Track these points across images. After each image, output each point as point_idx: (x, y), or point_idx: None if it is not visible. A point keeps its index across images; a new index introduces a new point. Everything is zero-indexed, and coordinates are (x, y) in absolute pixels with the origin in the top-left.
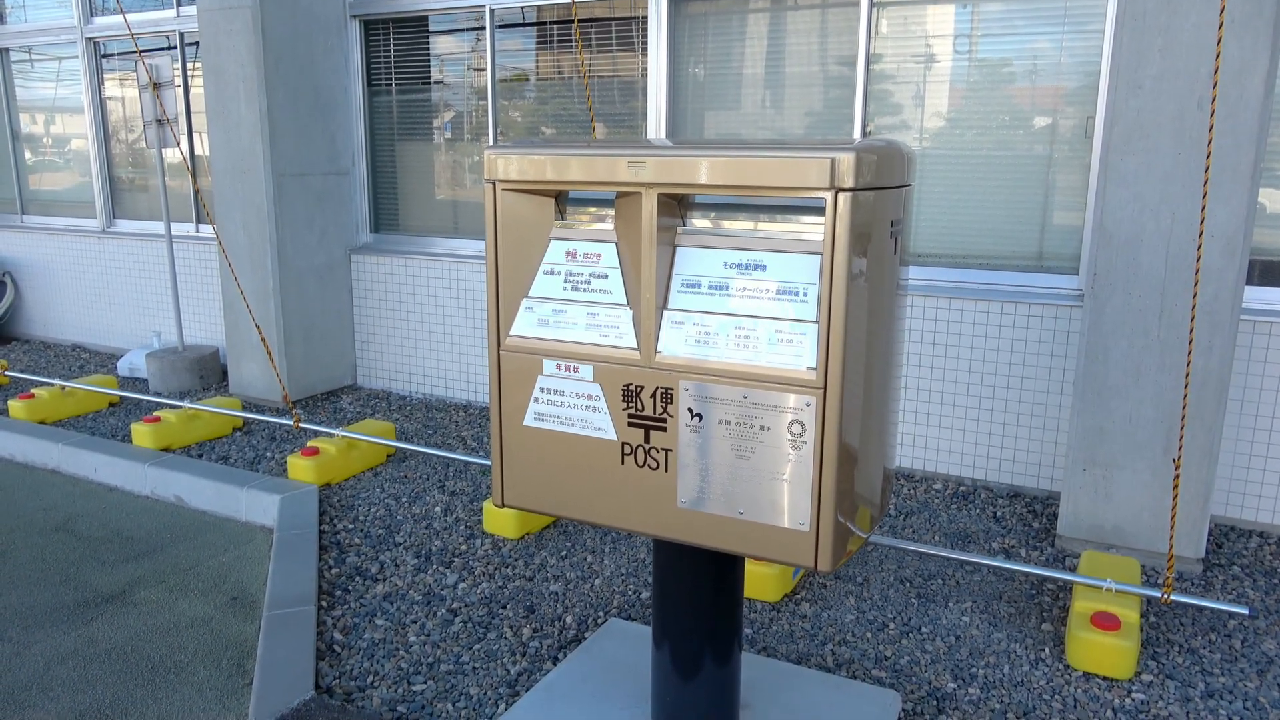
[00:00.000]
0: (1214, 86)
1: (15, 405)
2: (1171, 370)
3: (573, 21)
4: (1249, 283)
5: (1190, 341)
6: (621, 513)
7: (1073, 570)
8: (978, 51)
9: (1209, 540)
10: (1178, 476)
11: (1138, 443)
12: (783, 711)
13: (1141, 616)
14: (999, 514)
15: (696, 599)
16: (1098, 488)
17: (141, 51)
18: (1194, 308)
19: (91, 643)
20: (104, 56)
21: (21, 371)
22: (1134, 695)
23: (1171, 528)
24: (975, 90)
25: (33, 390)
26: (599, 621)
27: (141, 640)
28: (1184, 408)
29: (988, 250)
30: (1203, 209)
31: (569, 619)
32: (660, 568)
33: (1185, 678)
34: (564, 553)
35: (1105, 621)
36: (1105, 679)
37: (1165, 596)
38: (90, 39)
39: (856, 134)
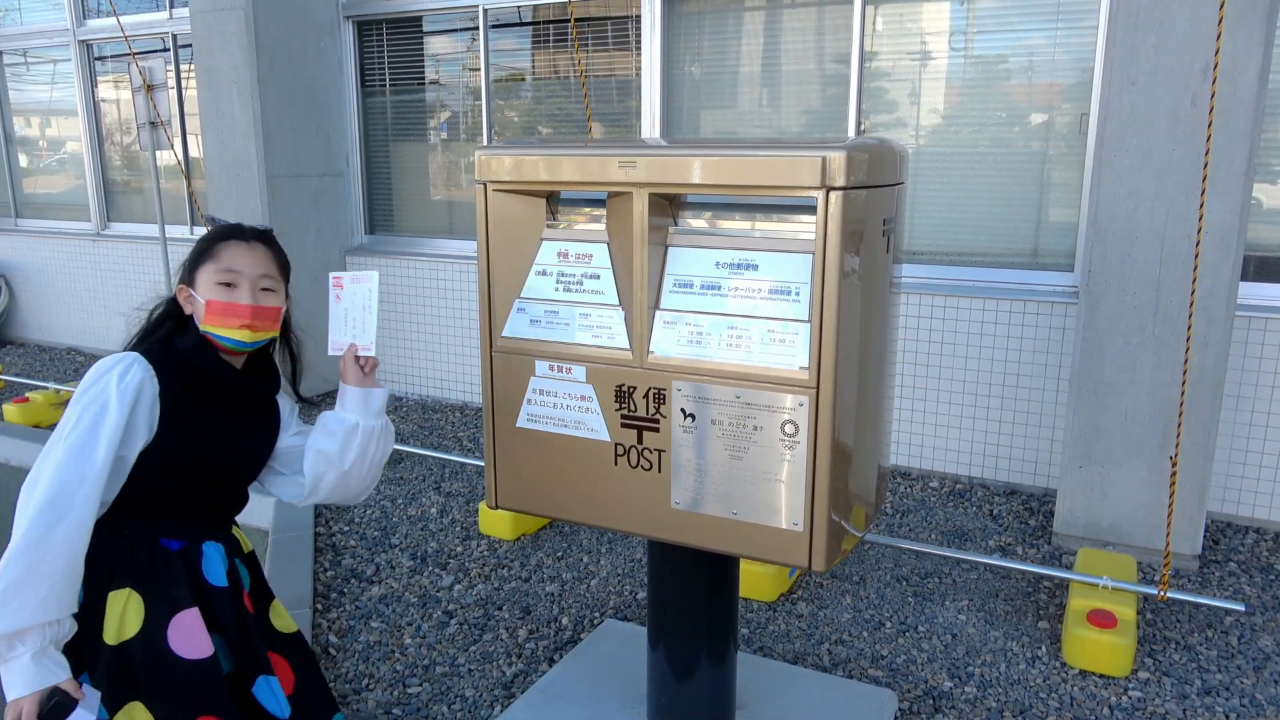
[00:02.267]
0: (1213, 82)
1: (10, 409)
2: (1167, 367)
3: (567, 21)
4: (1244, 279)
5: (1188, 338)
6: (615, 514)
7: (1069, 568)
8: (972, 48)
9: (1205, 537)
10: (1174, 473)
11: (1134, 439)
12: (779, 712)
13: (1138, 614)
14: (995, 512)
15: (692, 600)
16: (1094, 485)
17: (135, 54)
18: (1192, 304)
19: None
20: (97, 59)
21: (16, 375)
22: (1130, 693)
23: (1168, 525)
24: (970, 87)
25: (27, 394)
26: (595, 622)
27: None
28: (1181, 404)
29: (983, 247)
30: (1201, 205)
31: (565, 620)
32: (655, 569)
33: (1182, 675)
34: (560, 554)
35: (1102, 619)
36: (1102, 677)
37: (1162, 594)
38: (83, 41)
39: (851, 132)
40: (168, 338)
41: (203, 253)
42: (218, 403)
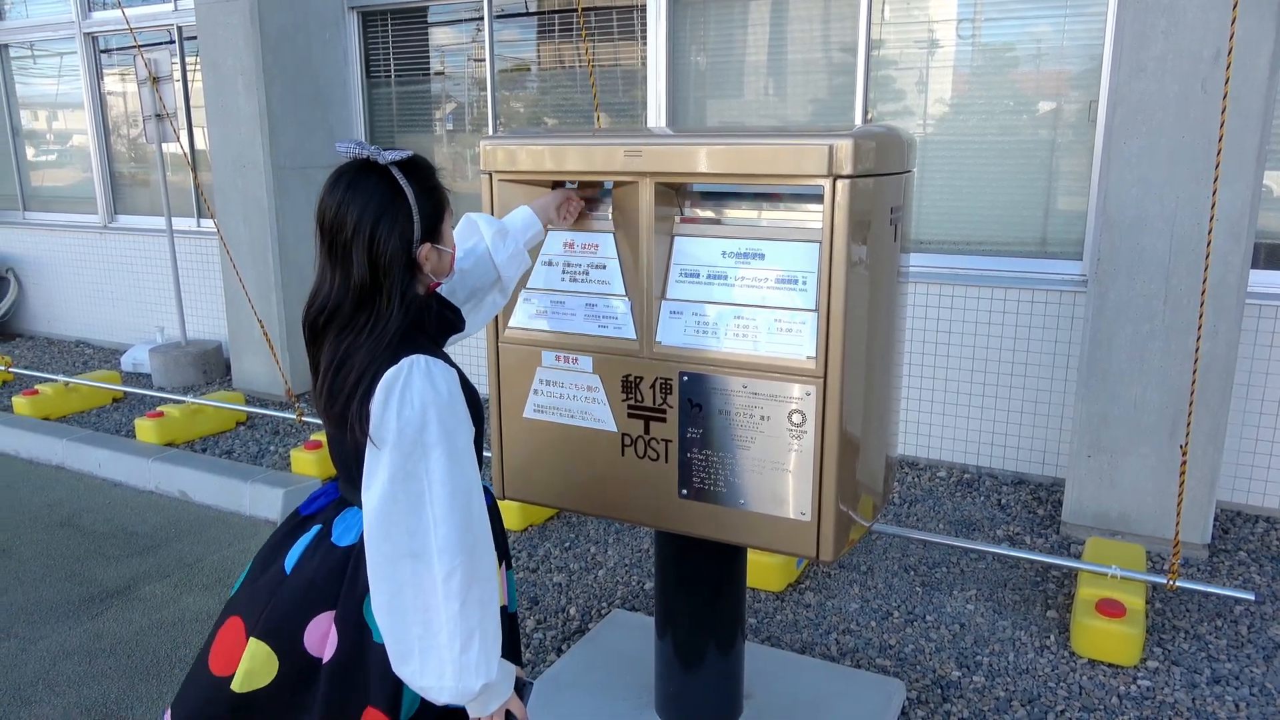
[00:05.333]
0: (1227, 67)
1: (20, 401)
2: (1176, 355)
3: (572, 11)
4: (1254, 266)
5: (1200, 326)
6: (622, 505)
7: (1078, 557)
8: (980, 36)
9: (1215, 526)
10: (1184, 462)
11: (1143, 428)
12: (786, 701)
13: (1147, 603)
14: (1003, 501)
15: (699, 590)
16: (1102, 474)
17: (140, 46)
18: (1203, 291)
19: (97, 638)
20: (103, 51)
21: (25, 368)
22: (1139, 682)
23: (1178, 514)
24: (977, 75)
25: (37, 386)
26: (602, 612)
27: (146, 635)
28: (1192, 392)
29: (991, 236)
30: (1214, 192)
31: (572, 610)
32: (662, 559)
33: (1191, 664)
34: (567, 544)
35: (1110, 608)
36: (1110, 666)
37: (1171, 583)
38: (89, 34)
39: (858, 121)
40: (419, 317)
41: (446, 203)
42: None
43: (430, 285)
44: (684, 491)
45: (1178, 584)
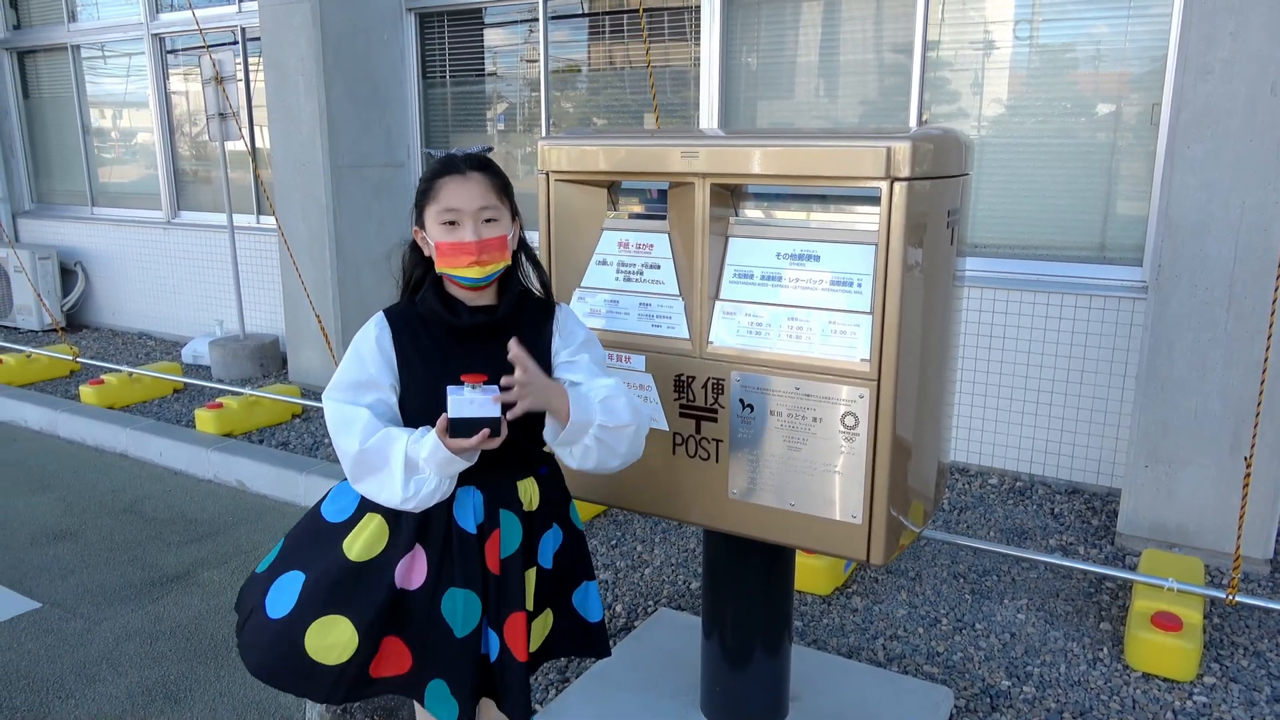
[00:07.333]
0: None
1: (86, 391)
2: (1239, 364)
3: (623, 12)
4: None
5: (1270, 335)
6: (672, 503)
7: (1133, 569)
8: (1038, 37)
9: (1277, 540)
10: (1249, 474)
11: (1203, 439)
12: (832, 704)
13: (1204, 617)
14: (1057, 510)
15: (747, 590)
16: (1160, 485)
17: (208, 46)
18: (1275, 299)
19: (158, 621)
20: (169, 52)
21: (92, 358)
22: (1195, 698)
23: (1239, 527)
24: (1035, 77)
25: (102, 376)
26: (649, 611)
27: (205, 619)
28: (1259, 403)
29: (1048, 240)
30: None
31: (619, 608)
32: (710, 558)
33: (1250, 681)
34: (614, 542)
35: (1166, 622)
36: (1166, 680)
37: (1230, 597)
38: (156, 35)
39: (912, 122)
40: (417, 287)
41: (424, 193)
42: (454, 345)
43: (437, 271)
44: (734, 491)
45: (1237, 599)
